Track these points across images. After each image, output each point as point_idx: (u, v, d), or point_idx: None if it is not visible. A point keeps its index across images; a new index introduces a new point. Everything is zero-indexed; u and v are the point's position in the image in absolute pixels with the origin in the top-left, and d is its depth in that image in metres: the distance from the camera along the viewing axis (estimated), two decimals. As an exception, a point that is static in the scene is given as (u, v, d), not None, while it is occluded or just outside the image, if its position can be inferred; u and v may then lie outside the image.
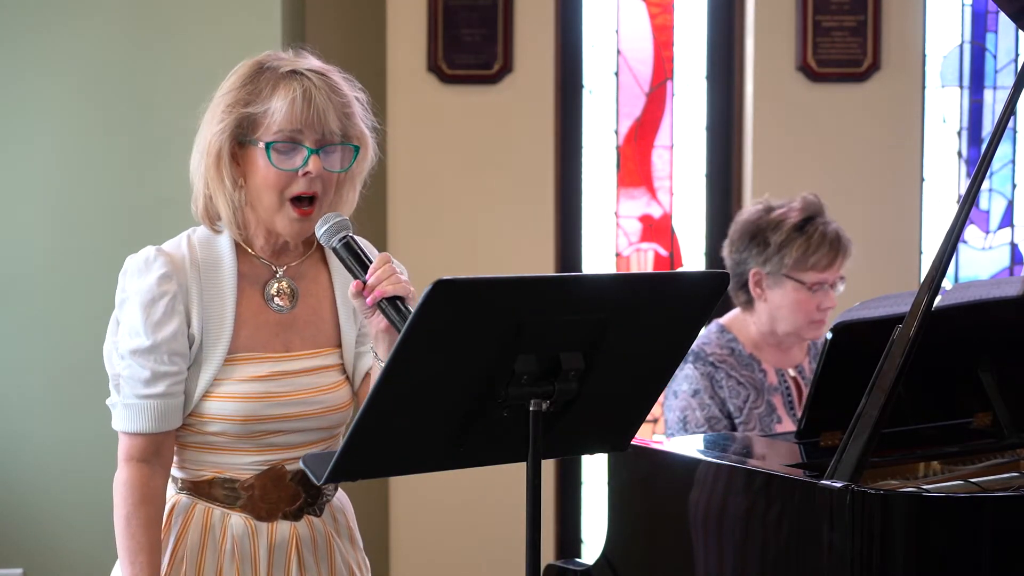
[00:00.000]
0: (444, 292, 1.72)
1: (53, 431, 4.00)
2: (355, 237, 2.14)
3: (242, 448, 2.17)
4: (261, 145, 2.12)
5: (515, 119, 4.50)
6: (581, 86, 4.68)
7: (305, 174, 2.12)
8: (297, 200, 2.13)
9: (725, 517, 2.40)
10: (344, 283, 2.25)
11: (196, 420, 2.16)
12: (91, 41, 4.01)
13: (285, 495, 2.21)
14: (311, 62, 2.18)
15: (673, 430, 3.11)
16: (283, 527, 2.22)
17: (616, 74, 4.72)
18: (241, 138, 2.13)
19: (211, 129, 2.14)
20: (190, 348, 2.14)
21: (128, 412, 2.14)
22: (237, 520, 2.19)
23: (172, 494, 2.22)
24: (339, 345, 2.26)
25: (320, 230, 2.13)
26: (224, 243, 2.19)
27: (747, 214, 3.21)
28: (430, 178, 4.50)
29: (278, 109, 2.11)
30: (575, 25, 4.65)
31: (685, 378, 3.11)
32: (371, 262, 2.09)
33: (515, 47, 4.49)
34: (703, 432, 3.06)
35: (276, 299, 2.21)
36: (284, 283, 2.22)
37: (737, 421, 3.09)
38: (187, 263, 2.15)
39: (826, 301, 3.12)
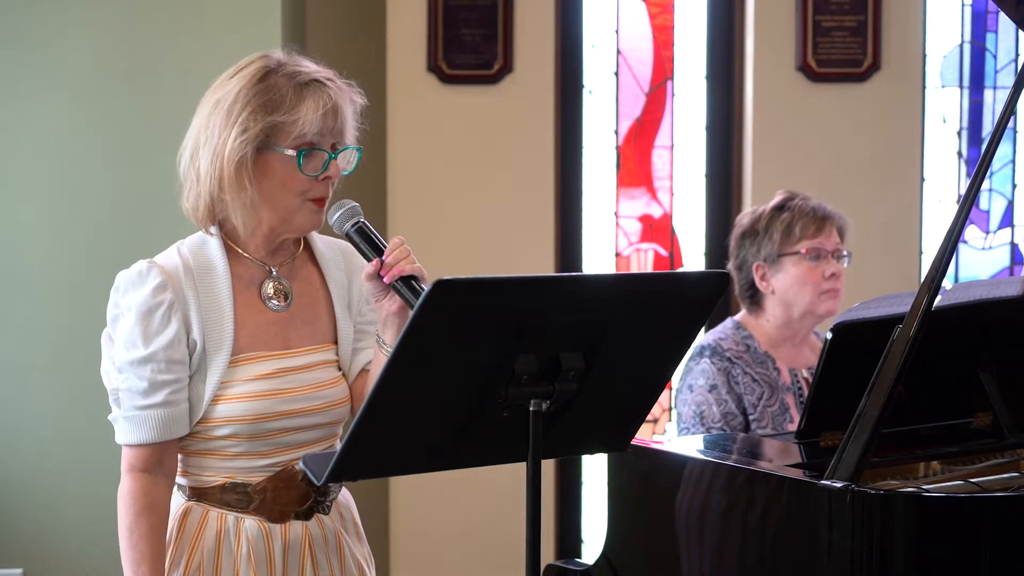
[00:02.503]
0: (444, 292, 1.72)
1: (54, 431, 4.00)
2: (366, 221, 2.19)
3: (252, 451, 2.17)
4: (290, 152, 2.13)
5: (515, 119, 4.50)
6: (581, 86, 4.68)
7: (326, 178, 2.17)
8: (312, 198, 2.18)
9: (725, 517, 2.40)
10: (337, 281, 2.29)
11: (205, 426, 2.16)
12: (91, 42, 4.01)
13: (296, 496, 2.22)
14: (321, 68, 2.21)
15: (687, 424, 3.10)
16: (296, 527, 2.22)
17: (616, 74, 4.72)
18: (263, 145, 2.13)
19: (230, 135, 2.12)
20: (192, 355, 2.14)
21: (129, 424, 2.14)
22: (251, 523, 2.19)
23: (181, 502, 2.21)
24: (335, 342, 2.28)
25: (333, 217, 2.18)
26: (214, 247, 2.20)
27: (738, 222, 3.27)
28: (430, 178, 4.50)
29: (310, 120, 2.13)
30: (575, 25, 4.66)
31: (702, 372, 3.11)
32: (384, 244, 2.16)
33: (515, 47, 4.49)
34: (719, 427, 3.06)
35: (272, 299, 2.22)
36: (279, 282, 2.24)
37: (751, 418, 3.09)
38: (180, 271, 2.15)
39: (829, 268, 3.13)
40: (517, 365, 1.80)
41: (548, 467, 4.59)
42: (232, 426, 2.15)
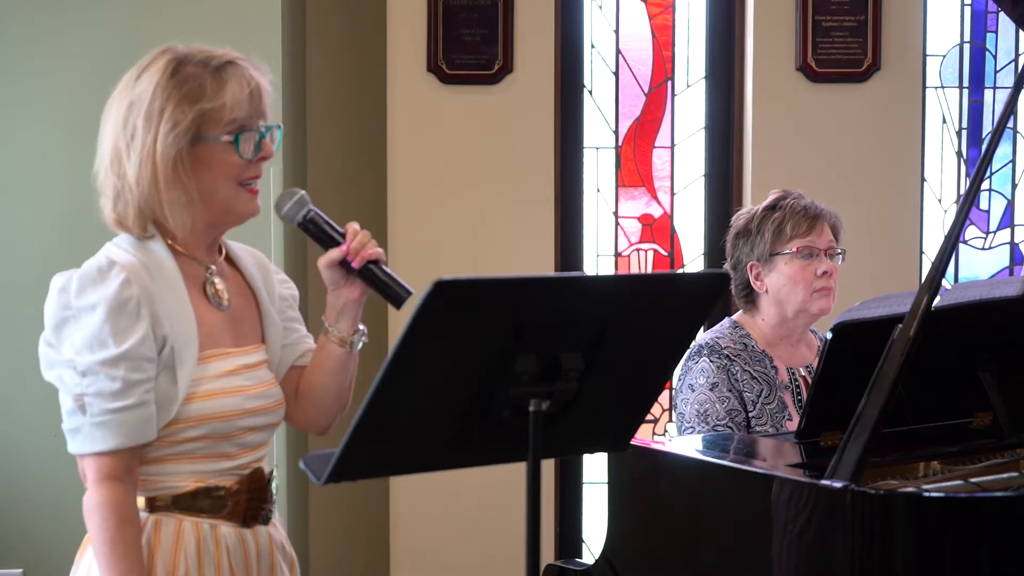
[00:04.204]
0: (444, 292, 1.72)
1: (53, 432, 4.00)
2: (315, 208, 2.18)
3: (220, 453, 2.12)
4: (226, 139, 2.09)
5: (515, 119, 4.50)
6: (581, 86, 4.68)
7: (261, 159, 2.13)
8: (246, 182, 2.14)
9: (724, 517, 2.40)
10: (258, 281, 2.25)
11: (176, 428, 2.08)
12: (91, 41, 4.01)
13: (263, 498, 2.19)
14: (227, 50, 2.15)
15: (692, 424, 3.09)
16: (262, 532, 2.20)
17: (616, 74, 4.72)
18: (195, 137, 2.08)
19: (159, 133, 2.06)
20: (161, 352, 2.06)
21: (99, 430, 2.03)
22: (228, 530, 2.14)
23: (146, 516, 2.12)
24: (263, 341, 2.24)
25: (285, 207, 2.17)
26: (158, 247, 2.12)
27: (733, 223, 3.29)
28: (430, 178, 4.50)
29: (238, 102, 2.09)
30: (575, 25, 4.65)
31: (701, 371, 3.11)
32: (340, 230, 2.15)
33: (515, 47, 4.48)
34: (724, 424, 3.06)
35: (215, 297, 2.17)
36: (217, 280, 2.18)
37: (750, 415, 3.09)
38: (138, 266, 2.07)
39: (821, 266, 3.14)
40: (517, 365, 1.80)
41: (548, 467, 4.59)
42: (205, 425, 2.09)
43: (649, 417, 4.68)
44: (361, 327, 2.24)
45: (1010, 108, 2.38)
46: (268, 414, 2.18)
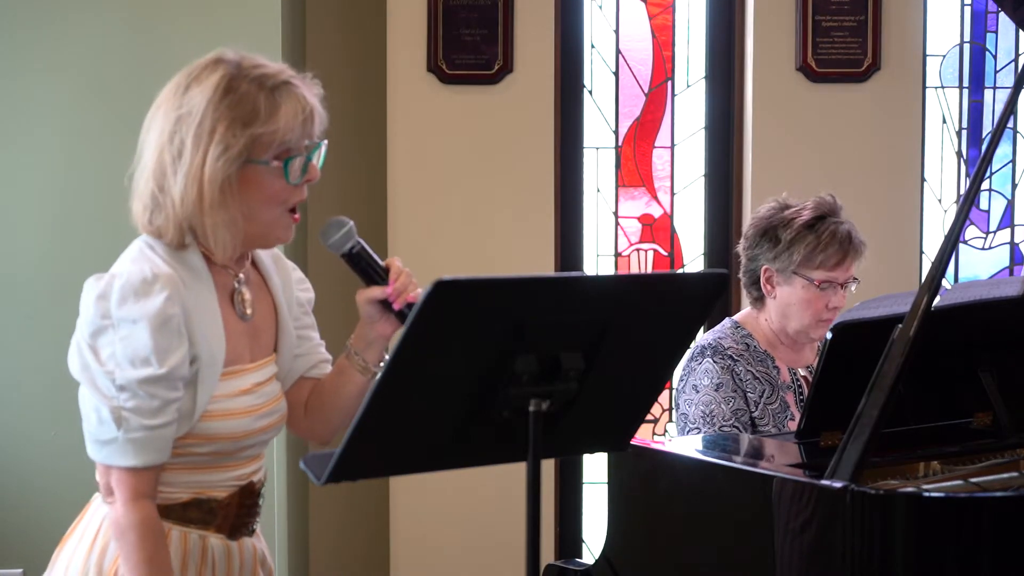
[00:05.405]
0: (444, 292, 1.72)
1: (53, 431, 4.00)
2: (363, 241, 2.16)
3: (222, 464, 2.12)
4: (276, 164, 2.05)
5: (515, 119, 4.50)
6: (581, 86, 4.68)
7: (308, 181, 2.10)
8: (291, 209, 2.11)
9: (724, 518, 2.40)
10: (277, 286, 2.22)
11: (186, 443, 2.06)
12: (91, 41, 4.01)
13: (251, 510, 2.19)
14: (281, 66, 2.10)
15: (697, 425, 3.09)
16: (248, 543, 2.20)
17: (616, 74, 4.72)
18: (245, 161, 2.03)
19: (208, 154, 2.01)
20: (189, 368, 2.04)
21: (133, 446, 2.00)
22: (215, 541, 2.14)
23: None
24: (275, 350, 2.22)
25: (331, 237, 2.13)
26: (194, 257, 2.08)
27: (762, 211, 3.23)
28: (430, 178, 4.50)
29: (290, 128, 2.04)
30: (575, 25, 4.65)
31: (705, 372, 3.11)
32: (380, 265, 2.14)
33: (515, 47, 4.48)
34: (730, 424, 3.06)
35: (241, 307, 2.15)
36: (245, 289, 2.16)
37: (754, 415, 3.09)
38: (178, 281, 2.03)
39: (835, 300, 3.13)
40: (517, 365, 1.80)
41: (548, 467, 4.59)
42: (214, 444, 2.08)
43: (649, 417, 4.68)
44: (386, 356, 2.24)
45: (1010, 108, 2.38)
46: (273, 429, 2.19)
